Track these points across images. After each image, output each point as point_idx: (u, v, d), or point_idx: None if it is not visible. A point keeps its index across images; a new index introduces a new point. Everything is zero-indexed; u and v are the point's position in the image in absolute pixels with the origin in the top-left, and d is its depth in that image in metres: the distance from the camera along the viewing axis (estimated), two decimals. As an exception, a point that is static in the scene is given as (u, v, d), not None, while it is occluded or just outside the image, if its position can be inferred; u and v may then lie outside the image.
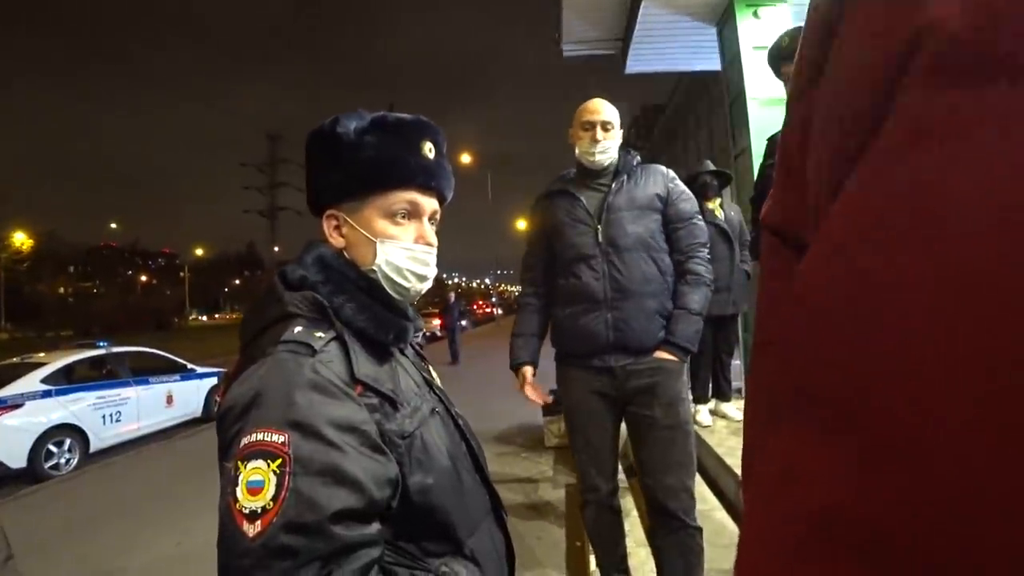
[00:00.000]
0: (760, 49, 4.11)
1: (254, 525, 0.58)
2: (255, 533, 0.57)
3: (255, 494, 0.59)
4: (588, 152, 1.77)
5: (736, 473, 2.67)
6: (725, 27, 4.57)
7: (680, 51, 5.36)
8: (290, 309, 0.74)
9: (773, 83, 1.85)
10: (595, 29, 5.33)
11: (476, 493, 0.85)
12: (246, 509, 0.58)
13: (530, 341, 1.91)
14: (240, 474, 0.60)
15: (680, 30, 4.92)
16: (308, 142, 0.84)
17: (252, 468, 0.60)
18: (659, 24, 4.83)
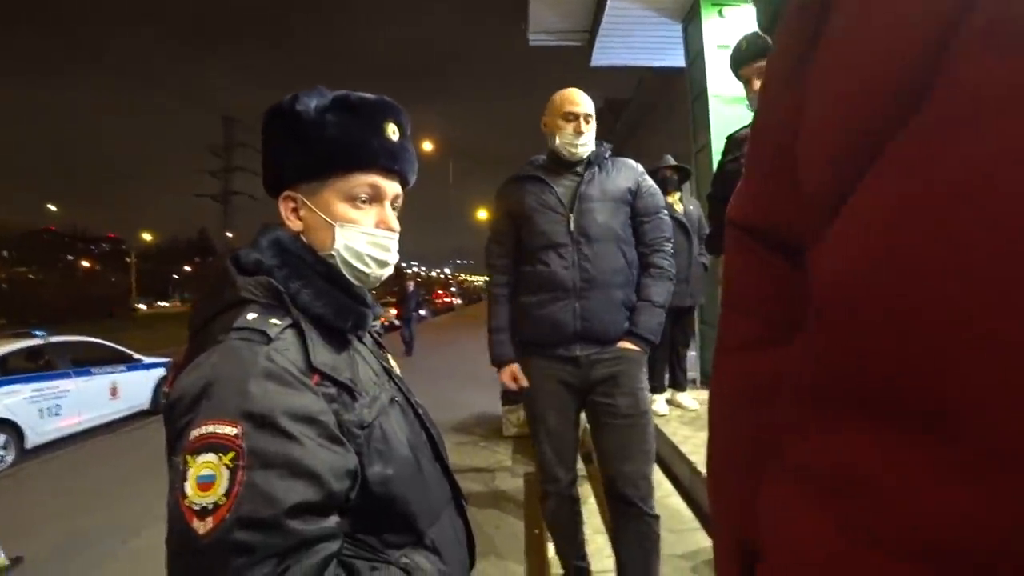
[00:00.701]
0: (724, 48, 4.19)
1: (204, 522, 0.55)
2: (206, 530, 0.54)
3: (205, 489, 0.56)
4: (571, 144, 1.75)
5: (691, 461, 2.74)
6: (690, 24, 4.64)
7: (645, 46, 5.41)
8: (244, 295, 0.70)
9: (735, 82, 1.88)
10: (563, 20, 5.32)
11: (437, 483, 0.84)
12: (196, 506, 0.55)
13: (508, 336, 1.88)
14: (189, 469, 0.57)
15: (646, 25, 4.97)
16: (265, 119, 0.80)
17: (202, 462, 0.57)
18: (626, 18, 4.87)
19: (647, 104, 10.35)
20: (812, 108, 0.27)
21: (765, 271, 0.35)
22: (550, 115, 1.80)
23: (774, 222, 0.33)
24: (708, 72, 4.29)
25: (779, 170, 0.31)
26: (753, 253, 0.36)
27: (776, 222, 0.33)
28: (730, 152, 2.10)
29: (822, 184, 0.26)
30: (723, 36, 4.27)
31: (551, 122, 1.79)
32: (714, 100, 4.26)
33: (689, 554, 2.20)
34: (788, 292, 0.33)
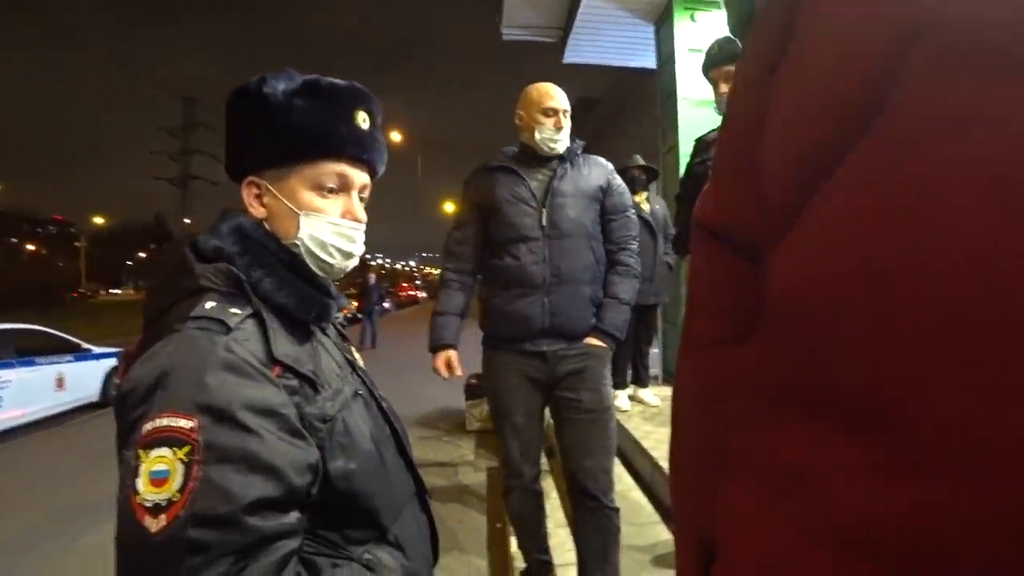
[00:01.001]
0: (695, 52, 4.27)
1: (157, 520, 0.52)
2: (158, 528, 0.52)
3: (159, 485, 0.53)
4: (551, 139, 1.74)
5: (652, 456, 2.80)
6: (663, 27, 4.70)
7: (618, 46, 5.46)
8: (202, 282, 0.68)
9: (704, 85, 1.91)
10: (537, 16, 5.32)
11: (400, 477, 0.83)
12: (148, 502, 0.53)
13: (453, 321, 1.86)
14: (141, 464, 0.54)
15: (620, 25, 5.01)
16: (230, 101, 0.77)
17: (156, 457, 0.54)
18: (600, 17, 4.90)
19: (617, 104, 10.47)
20: (775, 118, 0.28)
21: (728, 272, 0.36)
22: (526, 109, 1.78)
23: (737, 225, 0.34)
24: (678, 75, 4.36)
25: (742, 175, 0.32)
26: (717, 254, 0.36)
27: (739, 225, 0.34)
28: (698, 155, 2.13)
29: (781, 193, 0.27)
30: (694, 40, 4.35)
31: (528, 116, 1.77)
32: (683, 102, 4.33)
33: (648, 546, 2.24)
34: (750, 293, 0.34)
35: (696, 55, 4.23)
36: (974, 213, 0.18)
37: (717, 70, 1.81)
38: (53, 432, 5.60)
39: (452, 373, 1.85)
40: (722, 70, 1.79)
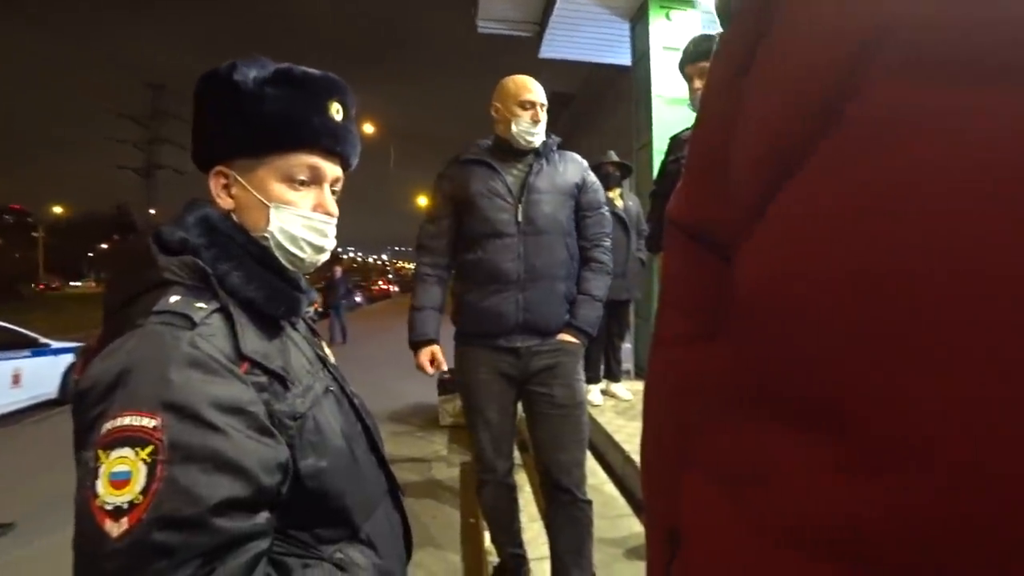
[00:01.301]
0: (669, 50, 4.32)
1: (119, 523, 0.50)
2: (120, 532, 0.50)
3: (120, 487, 0.51)
4: (528, 132, 1.73)
5: (624, 449, 2.83)
6: (638, 24, 4.73)
7: (593, 42, 5.48)
8: (166, 275, 0.65)
9: (678, 83, 1.93)
10: (513, 10, 5.30)
11: (372, 475, 0.82)
12: (109, 505, 0.51)
13: (432, 315, 1.84)
14: (101, 465, 0.52)
15: (596, 22, 5.03)
16: (198, 87, 0.74)
17: (116, 457, 0.52)
18: (576, 13, 4.91)
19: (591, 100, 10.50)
20: (745, 118, 0.28)
21: (699, 269, 0.36)
22: (503, 101, 1.76)
23: (707, 222, 0.34)
24: (653, 72, 4.40)
25: (713, 174, 0.32)
26: (688, 251, 0.37)
27: (709, 223, 0.34)
28: (672, 152, 2.16)
29: (747, 193, 0.27)
30: (669, 38, 4.39)
31: (504, 108, 1.75)
32: (657, 100, 4.37)
33: (621, 539, 2.27)
34: (719, 291, 0.34)
35: (671, 53, 4.28)
36: (928, 217, 0.18)
37: (692, 66, 1.83)
38: (8, 431, 5.38)
39: (437, 368, 1.83)
40: (697, 66, 1.81)
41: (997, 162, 0.17)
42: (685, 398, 0.35)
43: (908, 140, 0.19)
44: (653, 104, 4.37)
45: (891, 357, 0.18)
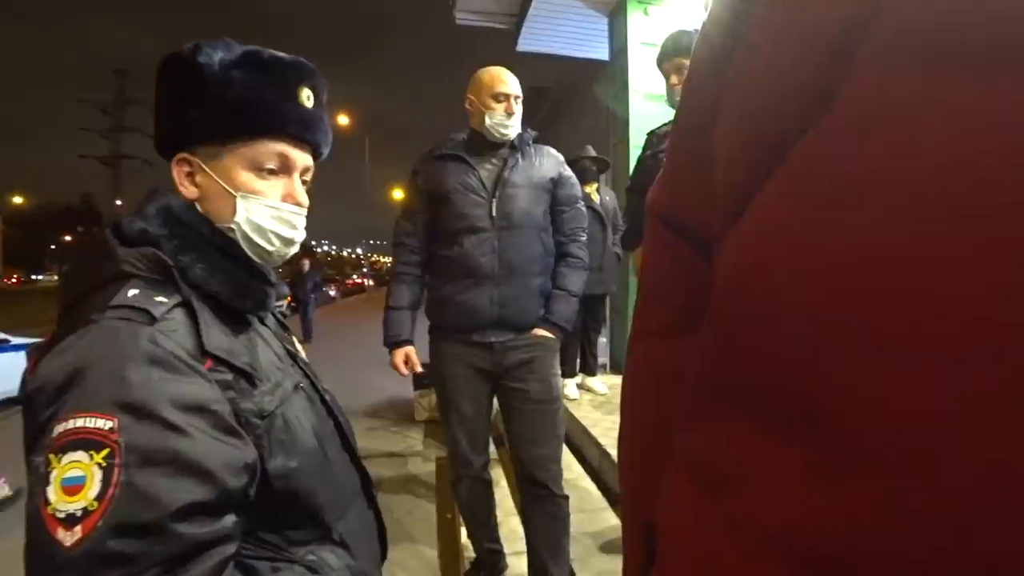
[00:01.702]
0: (647, 45, 4.33)
1: (72, 532, 0.47)
2: (73, 541, 0.47)
3: (73, 494, 0.48)
4: (502, 125, 1.70)
5: (601, 443, 2.85)
6: (616, 19, 4.73)
7: (571, 36, 5.47)
8: (124, 268, 0.62)
9: (656, 79, 1.93)
10: (491, 2, 5.26)
11: (345, 473, 0.80)
12: (61, 512, 0.48)
13: (409, 315, 1.83)
14: (53, 470, 0.49)
15: (574, 16, 5.02)
16: (161, 69, 0.71)
17: (69, 462, 0.49)
18: (554, 6, 4.90)
19: (568, 93, 10.52)
20: (727, 109, 0.27)
21: (677, 261, 0.36)
22: (477, 93, 1.74)
23: (686, 214, 0.34)
24: (630, 67, 4.41)
25: (693, 164, 0.32)
26: (667, 242, 0.37)
27: (688, 214, 0.34)
28: (649, 147, 2.16)
29: (731, 183, 0.26)
30: (647, 34, 4.40)
31: (478, 101, 1.73)
32: (634, 95, 4.39)
33: (598, 532, 2.29)
34: (697, 282, 0.34)
35: (648, 49, 4.29)
36: (909, 210, 0.18)
37: (670, 62, 1.83)
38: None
39: (412, 369, 1.82)
40: (674, 62, 1.81)
41: (984, 148, 0.17)
42: (662, 391, 0.35)
43: (893, 127, 0.19)
44: (630, 99, 4.39)
45: (867, 356, 0.18)
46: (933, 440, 0.16)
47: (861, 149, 0.19)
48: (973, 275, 0.16)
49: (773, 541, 0.20)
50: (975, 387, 0.16)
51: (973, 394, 0.16)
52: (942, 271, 0.17)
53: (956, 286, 0.17)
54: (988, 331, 0.16)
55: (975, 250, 0.16)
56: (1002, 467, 0.15)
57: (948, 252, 0.17)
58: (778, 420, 0.21)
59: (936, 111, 0.18)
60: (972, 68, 0.17)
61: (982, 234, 0.16)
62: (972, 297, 0.16)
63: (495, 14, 5.48)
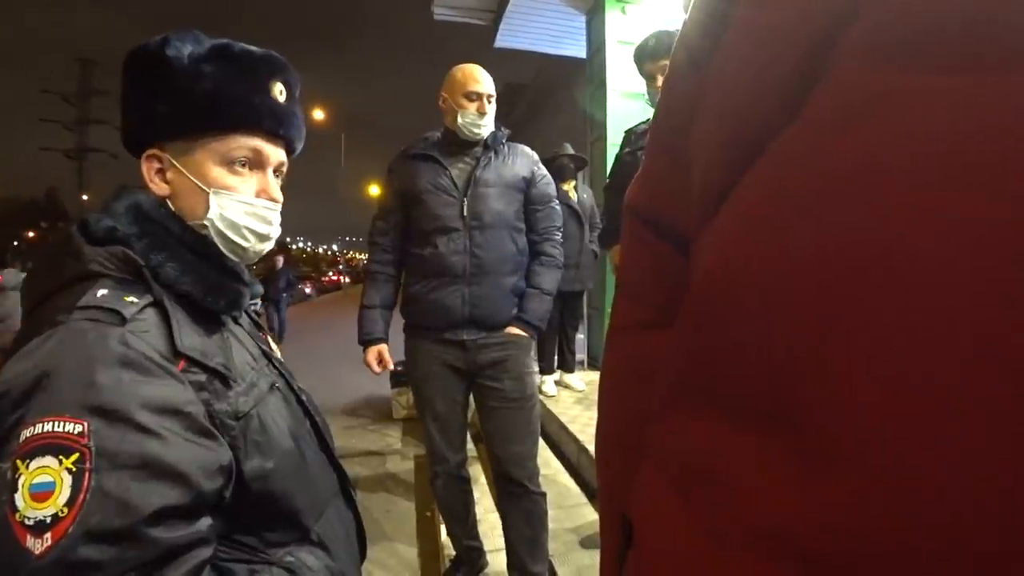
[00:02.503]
0: (624, 44, 4.35)
1: (41, 539, 0.46)
2: (43, 548, 0.46)
3: (42, 500, 0.47)
4: (474, 124, 1.70)
5: (578, 439, 2.87)
6: (594, 17, 4.75)
7: (549, 33, 5.48)
8: (92, 267, 0.60)
9: (633, 77, 1.94)
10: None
11: (322, 473, 0.79)
12: (29, 520, 0.46)
13: (382, 314, 1.83)
14: (20, 476, 0.47)
15: (552, 13, 5.02)
16: (128, 63, 0.69)
17: (37, 468, 0.47)
18: (532, 4, 4.90)
19: (546, 91, 10.54)
20: (707, 105, 0.28)
21: (655, 258, 0.36)
22: (450, 92, 1.73)
23: (663, 211, 0.35)
24: (608, 65, 4.43)
25: (671, 164, 0.32)
26: (645, 240, 0.37)
27: (665, 211, 0.34)
28: (627, 145, 2.18)
29: (708, 182, 0.27)
30: (625, 32, 4.43)
31: (451, 99, 1.72)
32: (612, 93, 4.41)
33: (576, 528, 2.30)
34: (675, 280, 0.34)
35: (626, 47, 4.31)
36: (891, 202, 0.18)
37: (653, 63, 1.84)
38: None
39: (384, 367, 1.83)
40: (659, 63, 1.82)
41: (962, 146, 0.17)
42: (639, 386, 0.36)
43: (871, 123, 0.19)
44: (608, 97, 4.41)
45: (841, 352, 0.18)
46: (910, 438, 0.17)
47: (843, 141, 0.19)
48: (957, 271, 0.16)
49: (748, 533, 0.20)
50: (955, 385, 0.16)
51: (953, 392, 0.16)
52: (925, 266, 0.17)
53: (938, 281, 0.17)
54: (972, 328, 0.16)
55: (960, 247, 0.16)
56: (978, 463, 0.16)
57: (931, 247, 0.17)
58: (755, 417, 0.21)
59: (917, 101, 0.18)
60: (949, 66, 0.18)
61: (969, 229, 0.16)
62: (955, 293, 0.16)
63: (473, 10, 5.45)
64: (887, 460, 0.17)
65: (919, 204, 0.17)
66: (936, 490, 0.16)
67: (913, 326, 0.17)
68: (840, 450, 0.18)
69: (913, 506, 0.17)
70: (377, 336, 1.80)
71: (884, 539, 0.17)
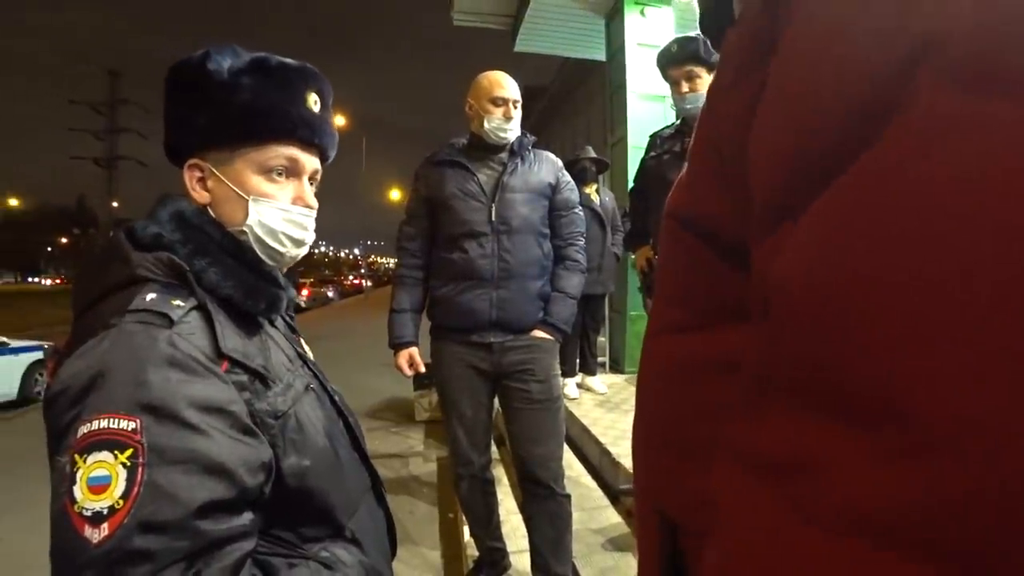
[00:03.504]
0: (644, 46, 4.34)
1: (98, 529, 0.49)
2: (101, 538, 0.48)
3: (99, 492, 0.50)
4: (500, 129, 1.73)
5: (601, 442, 2.86)
6: (613, 21, 4.75)
7: (568, 37, 5.49)
8: (140, 272, 0.63)
9: (653, 79, 1.95)
10: (488, 2, 5.27)
11: (355, 471, 0.81)
12: (88, 511, 0.49)
13: (412, 318, 1.86)
14: (79, 470, 0.50)
15: (570, 17, 5.04)
16: (170, 77, 0.72)
17: (95, 462, 0.50)
18: (551, 8, 4.92)
19: (565, 93, 10.53)
20: (765, 115, 0.28)
21: (694, 261, 0.37)
22: (476, 97, 1.76)
23: (705, 216, 0.35)
24: (628, 68, 4.42)
25: (718, 169, 0.33)
26: (685, 243, 0.37)
27: (712, 216, 0.35)
28: (653, 149, 2.18)
29: (772, 189, 0.27)
30: (644, 35, 4.42)
31: (478, 105, 1.75)
32: (632, 96, 4.40)
33: (599, 530, 2.30)
34: (718, 281, 0.35)
35: (645, 49, 4.31)
36: (970, 221, 0.19)
37: (678, 69, 1.84)
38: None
39: (415, 370, 1.86)
40: (683, 69, 1.82)
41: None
42: (685, 387, 0.36)
43: (955, 149, 0.19)
44: (628, 100, 4.40)
45: (941, 350, 0.19)
46: (1009, 425, 0.18)
47: (918, 170, 0.20)
48: None
49: (857, 518, 0.21)
50: None
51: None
52: (1001, 286, 0.18)
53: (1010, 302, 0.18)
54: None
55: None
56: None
57: (1006, 272, 0.18)
58: (847, 410, 0.22)
59: (995, 135, 0.19)
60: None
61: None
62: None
63: (492, 15, 5.49)
64: (985, 447, 0.18)
65: (1008, 219, 0.18)
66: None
67: (1000, 327, 0.18)
68: (941, 439, 0.19)
69: (1007, 490, 0.18)
70: (408, 339, 1.84)
71: (995, 521, 0.18)
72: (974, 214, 0.19)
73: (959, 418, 0.19)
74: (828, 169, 0.23)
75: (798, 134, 0.25)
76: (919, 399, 0.19)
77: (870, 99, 0.22)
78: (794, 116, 0.26)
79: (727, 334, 0.34)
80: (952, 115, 0.20)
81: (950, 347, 0.19)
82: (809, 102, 0.25)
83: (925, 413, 0.19)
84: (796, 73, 0.26)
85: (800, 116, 0.25)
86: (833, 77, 0.24)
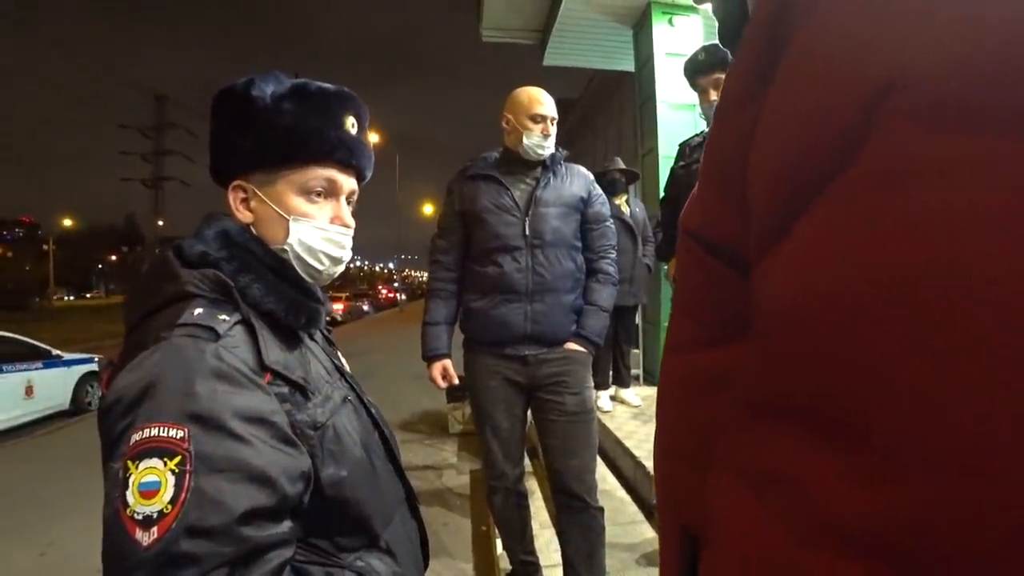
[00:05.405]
0: (672, 56, 4.33)
1: (149, 532, 0.51)
2: (151, 541, 0.51)
3: (149, 497, 0.52)
4: (539, 145, 1.75)
5: (635, 455, 2.82)
6: (641, 31, 4.75)
7: (596, 49, 5.51)
8: (188, 288, 0.66)
9: (682, 89, 1.94)
10: (516, 18, 5.34)
11: (390, 483, 0.83)
12: (139, 515, 0.52)
13: (446, 330, 1.88)
14: (131, 476, 0.53)
15: (598, 29, 5.05)
16: (216, 103, 0.76)
17: (146, 468, 0.53)
18: (578, 21, 4.94)
19: (595, 105, 10.55)
20: (762, 138, 0.29)
21: (710, 277, 0.37)
22: (515, 113, 1.78)
23: (718, 233, 0.36)
24: (657, 78, 4.41)
25: (725, 186, 0.33)
26: (699, 259, 0.38)
27: (722, 234, 0.35)
28: (681, 159, 2.16)
29: (767, 208, 0.28)
30: (672, 44, 4.41)
31: (516, 120, 1.78)
32: (662, 106, 4.39)
33: (633, 545, 2.26)
34: (730, 297, 0.35)
35: (674, 59, 4.29)
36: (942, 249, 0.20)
37: (706, 77, 1.83)
38: (21, 442, 5.42)
39: (449, 382, 1.87)
40: (711, 77, 1.81)
41: (1010, 209, 0.18)
42: (700, 400, 0.36)
43: (917, 185, 0.20)
44: (658, 110, 4.39)
45: (918, 374, 0.20)
46: (986, 451, 0.18)
47: (882, 203, 0.21)
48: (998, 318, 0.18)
49: (825, 534, 0.22)
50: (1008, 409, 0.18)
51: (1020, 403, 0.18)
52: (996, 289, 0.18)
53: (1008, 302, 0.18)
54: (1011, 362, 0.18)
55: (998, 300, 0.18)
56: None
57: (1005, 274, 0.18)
58: (827, 429, 0.23)
59: (958, 172, 0.19)
60: (995, 132, 0.19)
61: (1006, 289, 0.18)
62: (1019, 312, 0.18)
63: (520, 30, 5.56)
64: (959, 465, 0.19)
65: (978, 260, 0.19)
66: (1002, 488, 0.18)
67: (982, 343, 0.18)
68: (916, 457, 0.20)
69: (979, 506, 0.18)
70: (441, 352, 1.86)
71: (952, 536, 0.19)
72: (929, 251, 0.20)
73: (921, 445, 0.20)
74: (809, 194, 0.24)
75: (786, 159, 0.26)
76: (896, 424, 0.20)
77: (837, 133, 0.23)
78: (782, 142, 0.27)
79: (738, 349, 0.34)
80: (911, 153, 0.21)
81: (912, 376, 0.20)
82: (792, 130, 0.26)
83: (892, 439, 0.20)
84: (784, 100, 0.27)
85: (786, 143, 0.26)
86: (809, 110, 0.25)
